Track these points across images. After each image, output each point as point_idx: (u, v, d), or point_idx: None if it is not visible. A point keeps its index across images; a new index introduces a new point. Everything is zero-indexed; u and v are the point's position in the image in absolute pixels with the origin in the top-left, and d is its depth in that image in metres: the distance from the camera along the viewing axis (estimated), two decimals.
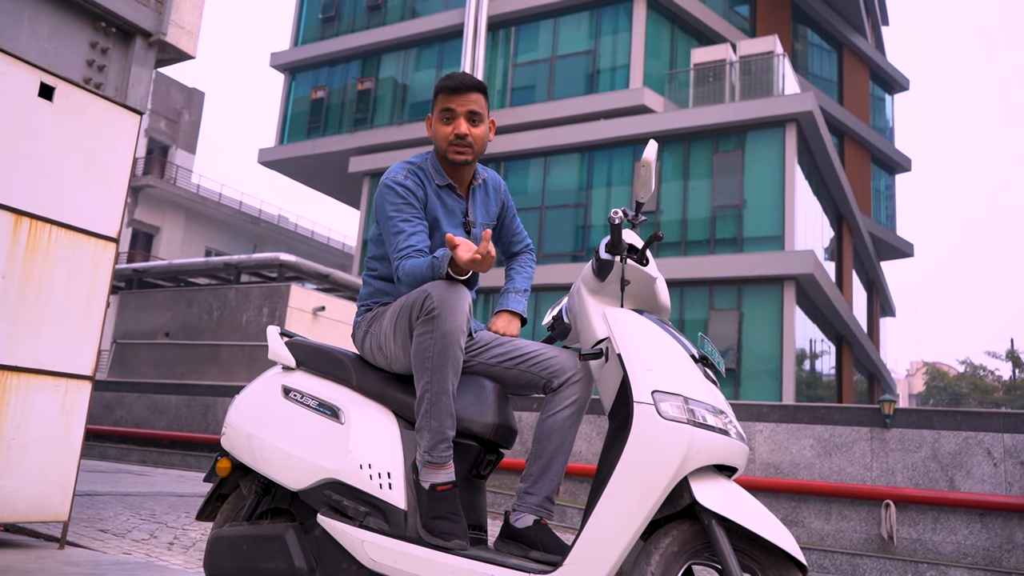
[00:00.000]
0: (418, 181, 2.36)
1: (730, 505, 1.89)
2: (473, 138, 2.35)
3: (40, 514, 3.60)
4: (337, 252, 38.19)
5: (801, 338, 16.36)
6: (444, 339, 2.08)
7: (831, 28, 23.90)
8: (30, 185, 3.60)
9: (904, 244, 26.64)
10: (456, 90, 2.33)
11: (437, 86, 2.38)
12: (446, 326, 2.08)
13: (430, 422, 2.10)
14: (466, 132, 2.33)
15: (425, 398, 2.11)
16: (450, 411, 2.12)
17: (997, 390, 36.96)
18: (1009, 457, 8.40)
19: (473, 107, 2.34)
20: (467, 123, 2.34)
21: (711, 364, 2.16)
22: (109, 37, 4.79)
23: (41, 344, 3.63)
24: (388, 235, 2.31)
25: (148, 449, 12.63)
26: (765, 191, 15.91)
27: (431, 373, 2.10)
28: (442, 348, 2.09)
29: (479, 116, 2.36)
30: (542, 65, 19.27)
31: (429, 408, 2.11)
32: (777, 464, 9.35)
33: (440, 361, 2.10)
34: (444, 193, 2.41)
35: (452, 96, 2.34)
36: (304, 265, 15.79)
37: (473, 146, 2.36)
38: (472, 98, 2.34)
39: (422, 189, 2.36)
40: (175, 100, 32.87)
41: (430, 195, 2.37)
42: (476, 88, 2.35)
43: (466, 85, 2.34)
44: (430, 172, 2.40)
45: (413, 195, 2.32)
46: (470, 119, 2.35)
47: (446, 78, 2.36)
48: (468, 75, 2.37)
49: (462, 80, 2.34)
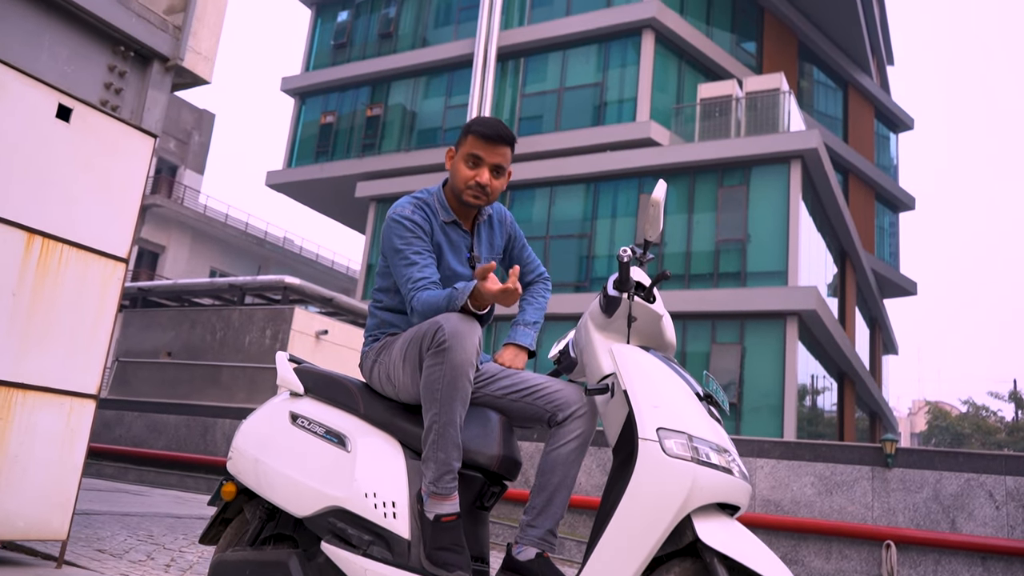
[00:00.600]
0: (424, 216, 2.40)
1: (732, 543, 1.89)
2: (491, 189, 2.39)
3: (39, 532, 3.60)
4: (341, 276, 38.27)
5: (803, 374, 16.33)
6: (454, 371, 2.10)
7: (836, 67, 24.13)
8: (43, 204, 3.65)
9: (907, 282, 26.65)
10: (490, 140, 2.36)
11: (472, 128, 2.39)
12: (456, 358, 2.10)
13: (437, 453, 2.12)
14: (487, 183, 2.37)
15: (433, 429, 2.13)
16: (457, 443, 2.13)
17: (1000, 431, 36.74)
18: (1011, 500, 8.34)
19: (500, 160, 2.38)
20: (490, 174, 2.38)
21: (715, 402, 2.18)
22: (127, 61, 4.87)
23: (48, 362, 3.65)
24: (398, 268, 2.33)
25: (146, 468, 12.58)
26: (769, 226, 15.97)
27: (440, 405, 2.12)
28: (451, 380, 2.11)
29: (502, 170, 2.40)
30: (550, 96, 19.46)
31: (436, 439, 2.12)
32: (778, 501, 9.30)
33: (449, 393, 2.11)
34: (449, 228, 2.44)
35: (484, 144, 2.37)
36: (308, 288, 15.83)
37: (489, 196, 2.40)
38: (502, 151, 2.38)
39: (428, 224, 2.39)
40: (186, 121, 33.17)
41: (435, 230, 2.41)
42: (508, 142, 2.39)
43: (501, 137, 2.37)
44: (436, 207, 2.44)
45: (421, 229, 2.36)
46: (494, 170, 2.39)
47: (482, 124, 2.38)
48: (503, 126, 2.39)
49: (497, 131, 2.37)
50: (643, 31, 18.24)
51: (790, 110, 17.40)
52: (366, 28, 23.35)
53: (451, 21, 21.72)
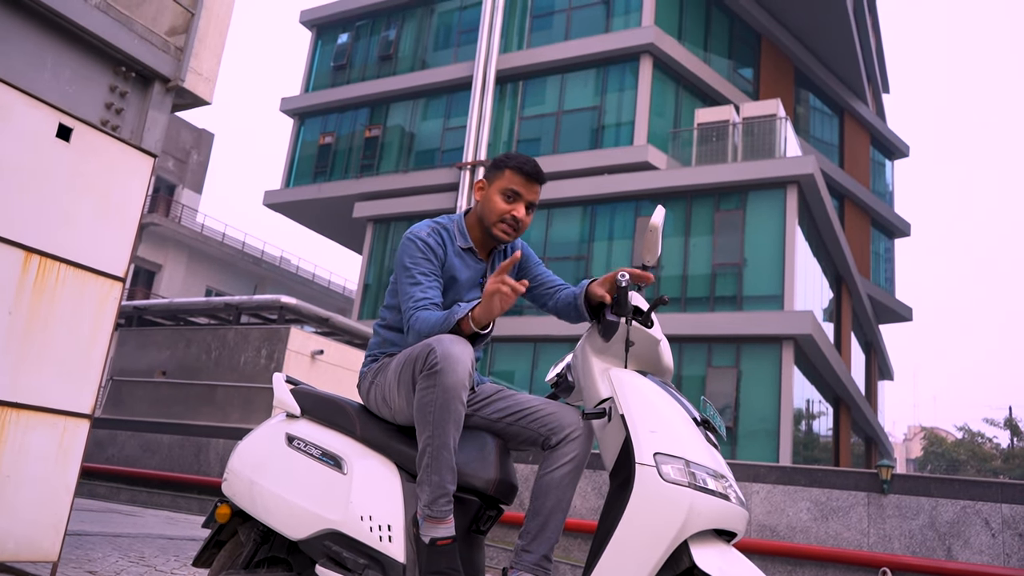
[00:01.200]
0: (439, 241, 2.42)
1: (729, 570, 1.89)
2: (522, 225, 2.44)
3: (30, 554, 3.56)
4: (337, 296, 38.24)
5: (799, 398, 16.31)
6: (446, 393, 2.10)
7: (833, 94, 24.34)
8: (42, 223, 3.65)
9: (903, 308, 26.71)
10: (531, 177, 2.42)
11: (510, 163, 2.43)
12: (448, 381, 2.09)
13: (431, 476, 2.11)
14: (523, 218, 2.42)
15: (426, 452, 2.12)
16: (451, 466, 2.13)
17: (995, 458, 36.65)
18: (1007, 528, 8.31)
19: (534, 199, 2.45)
20: (523, 210, 2.43)
21: (712, 427, 2.18)
22: (128, 81, 4.90)
23: (43, 381, 3.63)
24: (403, 286, 2.35)
25: (138, 489, 12.48)
26: (765, 251, 16.03)
27: (433, 427, 2.11)
28: (444, 403, 2.10)
29: (533, 208, 2.47)
30: (548, 119, 19.58)
31: (430, 462, 2.11)
32: (773, 527, 9.25)
33: (442, 416, 2.11)
34: (465, 255, 2.46)
35: (525, 181, 2.42)
36: (304, 308, 15.80)
37: (520, 231, 2.45)
38: (538, 190, 2.45)
39: (442, 249, 2.41)
40: (184, 140, 33.28)
41: (450, 255, 2.43)
42: (543, 181, 2.47)
43: (539, 178, 2.44)
44: (454, 233, 2.46)
45: (433, 253, 2.38)
46: (527, 208, 2.44)
47: (523, 161, 2.43)
48: (541, 168, 2.47)
49: (537, 170, 2.44)
50: (641, 56, 18.41)
51: (786, 136, 17.53)
52: (366, 50, 23.53)
53: (451, 44, 21.90)
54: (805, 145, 21.00)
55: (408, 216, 20.58)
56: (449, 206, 19.48)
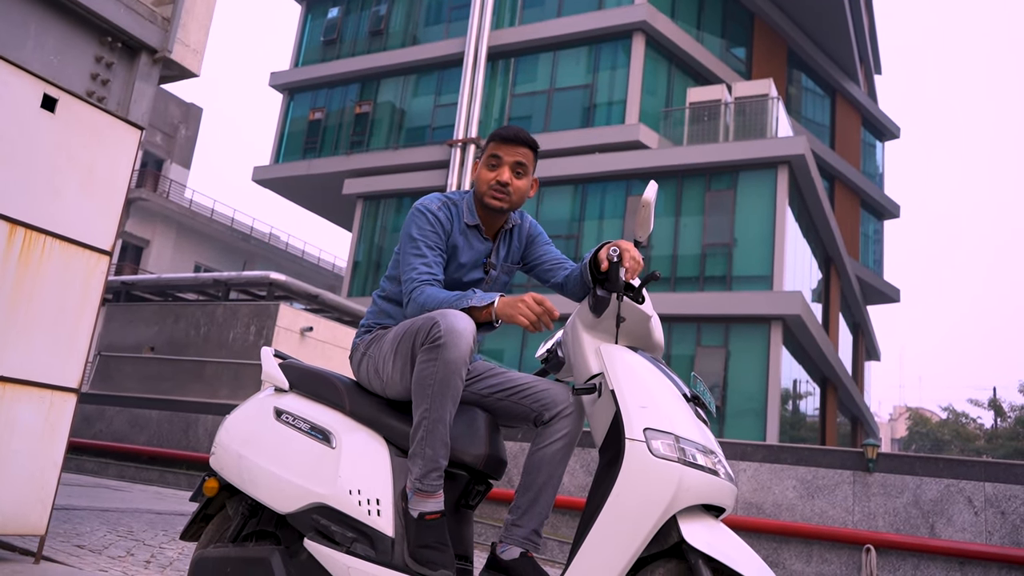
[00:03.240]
0: (448, 215, 2.41)
1: (717, 545, 1.90)
2: (513, 188, 2.39)
3: (17, 527, 3.55)
4: (327, 273, 38.12)
5: (786, 378, 16.41)
6: (447, 368, 2.09)
7: (825, 74, 24.29)
8: (27, 195, 3.60)
9: (891, 289, 26.85)
10: (508, 140, 2.39)
11: (491, 135, 2.43)
12: (450, 355, 2.09)
13: (424, 450, 2.11)
14: (508, 180, 2.38)
15: (422, 425, 2.12)
16: (445, 440, 2.12)
17: (979, 438, 37.07)
18: (990, 506, 8.42)
19: (520, 159, 2.40)
20: (511, 172, 2.39)
21: (702, 404, 2.18)
22: (114, 52, 4.82)
23: (28, 355, 3.60)
24: (407, 256, 2.34)
25: (127, 464, 12.48)
26: (755, 231, 16.05)
27: (430, 401, 2.11)
28: (444, 377, 2.10)
29: (524, 168, 2.41)
30: (540, 97, 19.47)
31: (425, 436, 2.11)
32: (760, 504, 9.34)
33: (441, 390, 2.10)
34: (470, 232, 2.44)
35: (502, 145, 2.40)
36: (293, 285, 15.74)
37: (511, 196, 2.40)
38: (521, 151, 2.40)
39: (450, 223, 2.40)
40: (172, 114, 32.93)
41: (455, 231, 2.41)
42: (527, 143, 2.41)
43: (518, 138, 2.40)
44: (463, 209, 2.44)
45: (441, 227, 2.37)
46: (514, 169, 2.40)
47: (502, 128, 2.42)
48: (523, 130, 2.43)
49: (516, 132, 2.40)
50: (634, 34, 18.29)
51: (778, 116, 17.50)
52: (356, 25, 23.28)
53: (442, 20, 21.69)
54: (796, 125, 20.98)
55: (398, 193, 20.48)
56: (440, 183, 19.39)
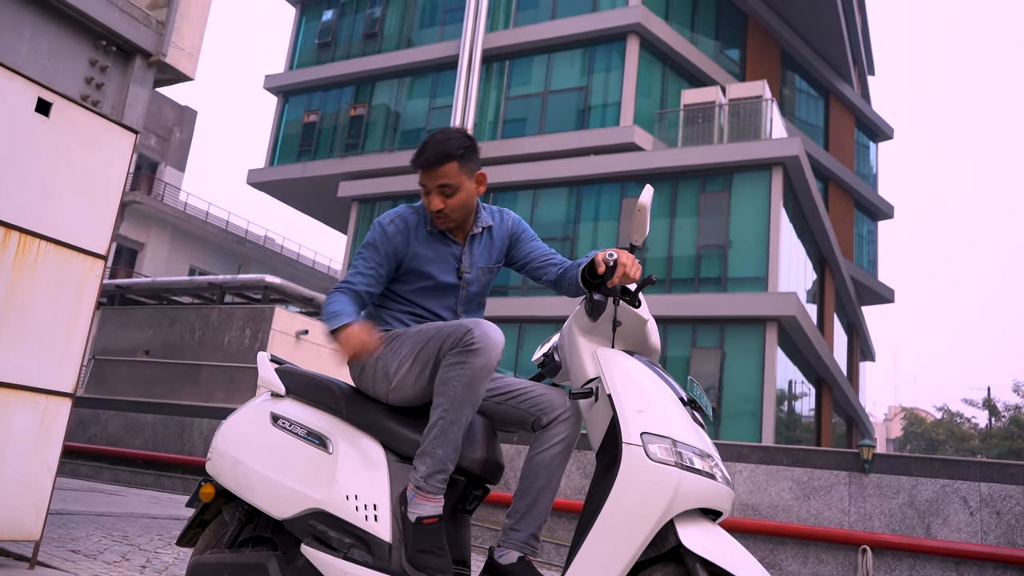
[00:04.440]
0: (402, 227, 2.38)
1: (715, 549, 1.90)
2: (449, 208, 2.34)
3: (11, 532, 3.54)
4: (322, 276, 38.06)
5: (782, 379, 16.44)
6: (475, 373, 2.12)
7: (818, 76, 24.36)
8: (21, 199, 3.59)
9: (885, 290, 26.92)
10: (423, 166, 2.34)
11: (411, 160, 2.38)
12: (480, 361, 2.11)
13: (436, 450, 2.11)
14: (439, 207, 2.33)
15: (437, 425, 2.12)
16: (456, 445, 2.14)
17: (974, 438, 37.20)
18: (985, 506, 8.44)
19: (442, 181, 2.32)
20: (439, 197, 2.33)
21: (699, 407, 2.18)
22: (109, 56, 4.81)
23: (23, 359, 3.59)
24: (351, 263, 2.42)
25: (121, 468, 12.44)
26: (750, 232, 16.07)
27: (451, 401, 2.12)
28: (469, 382, 2.12)
29: (451, 187, 2.32)
30: (534, 99, 19.48)
31: (439, 435, 2.12)
32: (756, 505, 9.34)
33: (464, 393, 2.12)
34: (435, 239, 2.41)
35: (420, 173, 2.35)
36: (289, 288, 15.72)
37: (451, 215, 2.36)
38: (440, 172, 2.32)
39: (404, 235, 2.37)
40: (167, 117, 32.87)
41: (414, 242, 2.39)
42: (443, 160, 2.31)
43: (430, 162, 2.32)
44: (425, 217, 2.42)
45: (387, 240, 2.37)
46: (441, 192, 2.33)
47: (417, 152, 2.35)
48: (438, 145, 2.32)
49: (427, 156, 2.32)
50: (628, 36, 18.31)
51: (772, 117, 17.53)
52: (351, 28, 23.26)
53: (436, 22, 21.69)
54: (790, 127, 21.02)
55: (393, 196, 20.47)
56: None
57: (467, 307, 2.46)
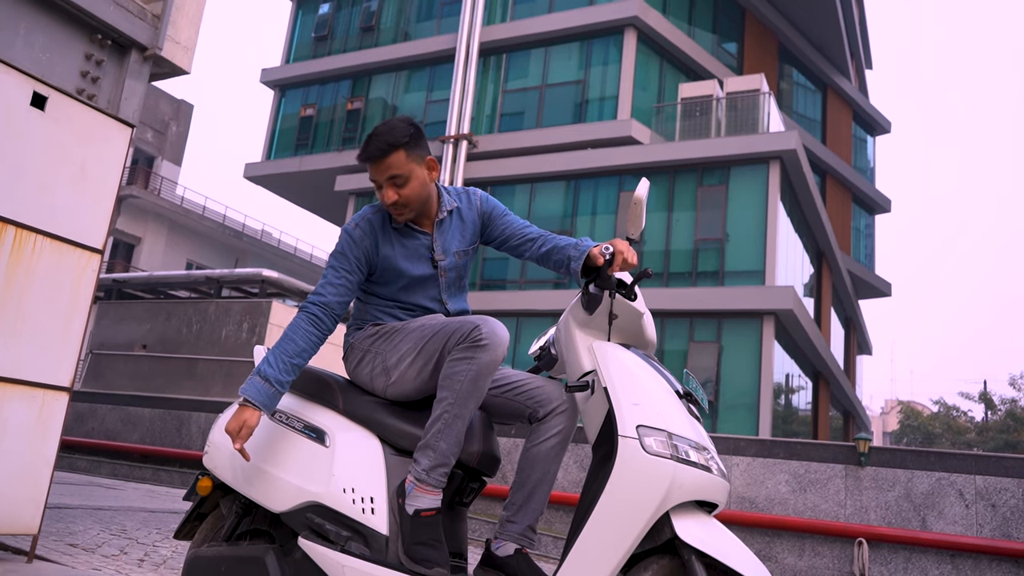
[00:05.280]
0: (368, 229, 2.35)
1: (710, 541, 1.91)
2: (404, 199, 2.30)
3: (9, 527, 3.54)
4: (319, 269, 38.04)
5: (779, 373, 16.47)
6: (481, 368, 2.12)
7: (816, 69, 24.34)
8: (17, 193, 3.59)
9: (882, 283, 26.96)
10: (369, 159, 2.30)
11: (356, 156, 2.35)
12: (487, 357, 2.12)
13: (439, 443, 2.12)
14: (393, 199, 2.30)
15: (442, 418, 2.13)
16: (459, 440, 2.15)
17: (970, 431, 37.32)
18: (981, 499, 8.47)
19: (391, 172, 2.28)
20: (392, 189, 2.30)
21: (695, 400, 2.19)
22: (104, 49, 4.80)
23: (20, 353, 3.59)
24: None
25: (119, 462, 12.43)
26: (748, 226, 16.08)
27: (456, 395, 2.13)
28: (475, 377, 2.12)
29: (401, 177, 2.29)
30: (532, 93, 19.45)
31: (443, 428, 2.13)
32: (752, 498, 9.37)
33: (469, 388, 2.13)
34: (402, 234, 2.38)
35: (370, 167, 2.31)
36: (286, 282, 15.70)
37: (408, 205, 2.32)
38: (387, 163, 2.27)
39: (371, 237, 2.34)
40: (163, 111, 32.78)
41: (383, 242, 2.35)
42: (388, 151, 2.26)
43: (375, 155, 2.28)
44: (388, 214, 2.39)
45: (355, 246, 2.32)
46: (393, 184, 2.30)
47: (363, 146, 2.31)
48: (380, 137, 2.28)
49: (371, 150, 2.28)
50: (625, 29, 18.28)
51: (770, 111, 17.53)
52: (347, 21, 23.20)
53: (433, 16, 21.63)
54: (788, 120, 21.02)
55: None
56: None
57: (450, 292, 2.44)
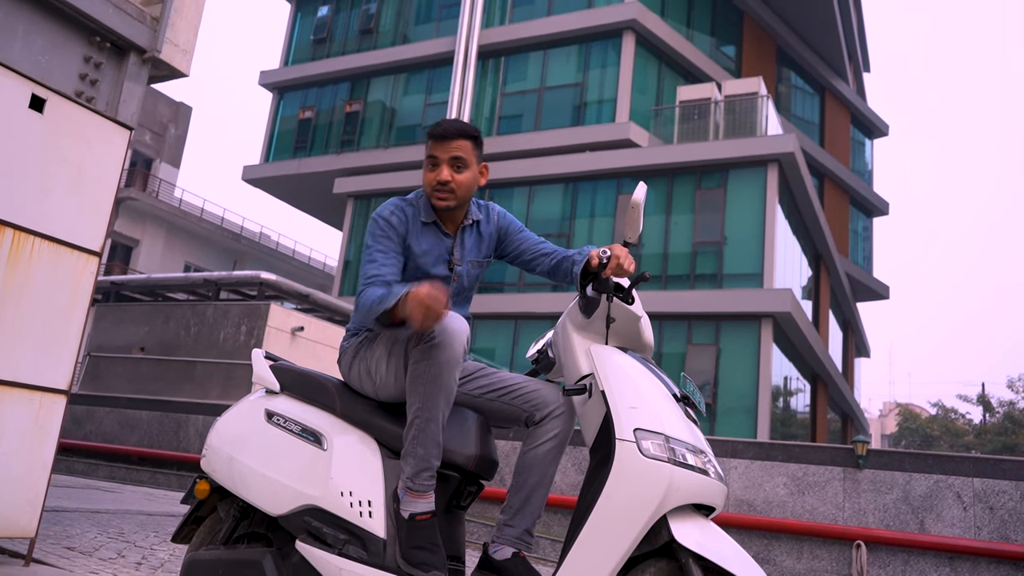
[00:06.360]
0: (402, 218, 2.38)
1: (708, 544, 1.91)
2: (456, 184, 2.34)
3: (7, 530, 3.54)
4: (318, 272, 38.03)
5: (777, 375, 16.48)
6: (440, 367, 2.11)
7: (814, 72, 24.38)
8: (15, 196, 3.58)
9: (880, 286, 26.98)
10: (441, 137, 2.35)
11: (427, 132, 2.40)
12: (443, 355, 2.10)
13: (416, 449, 2.11)
14: (447, 179, 2.33)
15: (414, 424, 2.13)
16: (437, 440, 2.13)
17: (968, 434, 37.32)
18: (979, 501, 8.48)
19: (457, 153, 2.34)
20: (450, 169, 2.34)
21: (692, 403, 2.19)
22: (103, 52, 4.80)
23: (17, 356, 3.58)
24: (364, 263, 2.35)
25: (117, 465, 12.42)
26: (746, 229, 16.10)
27: (423, 400, 2.12)
28: (437, 375, 2.11)
29: (463, 162, 2.35)
30: (530, 96, 19.47)
31: (417, 435, 2.12)
32: (751, 501, 9.37)
33: (434, 389, 2.11)
34: (428, 231, 2.41)
35: (437, 143, 2.35)
36: (284, 284, 15.70)
37: (456, 191, 2.35)
38: (456, 145, 2.34)
39: (405, 226, 2.38)
40: (162, 113, 32.78)
41: (412, 232, 2.39)
42: (461, 135, 2.35)
43: (449, 133, 2.34)
44: (419, 208, 2.42)
45: (394, 230, 2.35)
46: (453, 165, 2.35)
47: (434, 125, 2.39)
48: (456, 122, 2.39)
49: (446, 127, 2.36)
50: (624, 32, 18.31)
51: (768, 114, 17.55)
52: (346, 24, 23.22)
53: (432, 18, 21.66)
54: (786, 123, 21.05)
55: (389, 192, 20.45)
56: None
57: (455, 300, 2.45)
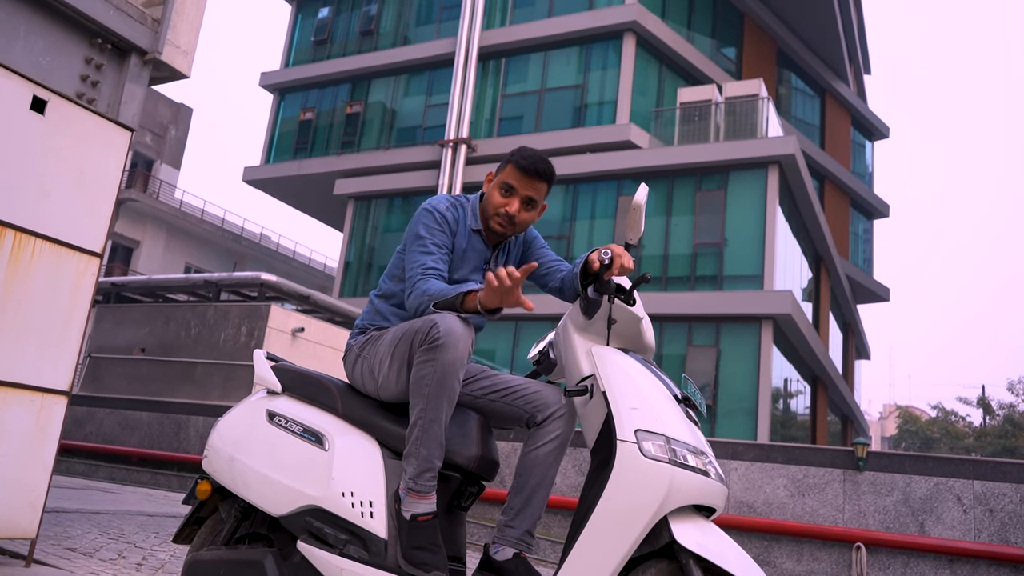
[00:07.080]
0: (455, 216, 2.41)
1: (708, 545, 1.91)
2: (519, 220, 2.39)
3: (7, 531, 3.54)
4: (318, 273, 38.03)
5: (777, 377, 16.48)
6: (444, 368, 2.11)
7: (815, 74, 24.39)
8: (16, 197, 3.59)
9: (880, 288, 26.98)
10: (526, 172, 2.37)
11: (513, 157, 2.40)
12: (448, 356, 2.10)
13: (419, 449, 2.12)
14: (515, 213, 2.38)
15: (418, 425, 2.13)
16: (440, 441, 2.14)
17: (968, 436, 37.32)
18: (979, 504, 8.47)
19: (533, 194, 2.39)
20: (520, 205, 2.38)
21: (693, 404, 2.20)
22: (104, 53, 4.81)
23: (18, 357, 3.59)
24: (414, 253, 2.32)
25: (117, 466, 12.41)
26: (746, 230, 16.10)
27: (427, 401, 2.12)
28: (441, 377, 2.11)
29: (535, 203, 2.41)
30: (531, 97, 19.48)
31: (420, 435, 2.12)
32: (751, 503, 9.37)
33: (437, 390, 2.12)
34: (473, 236, 2.45)
35: (521, 176, 2.37)
36: (285, 285, 15.70)
37: (516, 227, 2.41)
38: (537, 185, 2.39)
39: (456, 224, 2.41)
40: (162, 115, 32.80)
41: (460, 233, 2.42)
42: (545, 178, 2.38)
43: (538, 172, 2.37)
44: (468, 212, 2.45)
45: (448, 226, 2.38)
46: (525, 202, 2.39)
47: (524, 156, 2.38)
48: (545, 162, 2.39)
49: (535, 166, 2.37)
50: (624, 34, 18.32)
51: (768, 116, 17.56)
52: (347, 25, 23.23)
53: (433, 20, 21.67)
54: (786, 125, 21.06)
55: (389, 193, 20.46)
56: (431, 184, 19.38)
57: None
